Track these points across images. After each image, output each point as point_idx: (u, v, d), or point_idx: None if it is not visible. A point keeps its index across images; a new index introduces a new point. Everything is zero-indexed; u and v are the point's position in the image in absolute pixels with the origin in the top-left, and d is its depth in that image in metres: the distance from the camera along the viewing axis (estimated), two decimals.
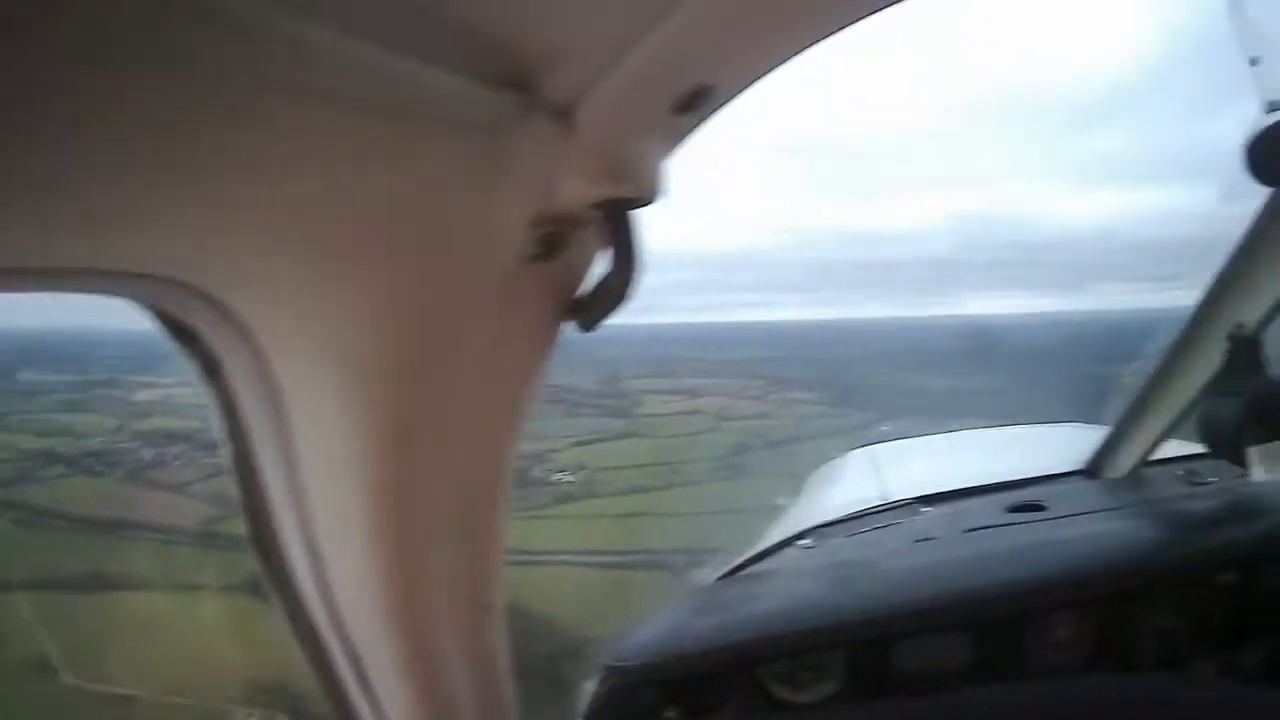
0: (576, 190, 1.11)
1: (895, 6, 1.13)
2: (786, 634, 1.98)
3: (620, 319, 1.28)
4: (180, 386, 12.30)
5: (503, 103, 0.96)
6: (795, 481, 3.83)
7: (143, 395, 11.85)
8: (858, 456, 3.63)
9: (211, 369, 1.12)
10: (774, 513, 3.30)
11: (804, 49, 1.12)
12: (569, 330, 1.30)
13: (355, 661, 1.36)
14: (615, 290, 1.22)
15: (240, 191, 0.85)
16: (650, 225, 1.22)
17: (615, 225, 1.18)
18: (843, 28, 1.12)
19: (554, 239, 1.17)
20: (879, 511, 2.70)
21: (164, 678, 7.80)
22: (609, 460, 12.43)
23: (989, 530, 2.32)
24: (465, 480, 1.32)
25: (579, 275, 1.27)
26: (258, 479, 1.22)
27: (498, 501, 1.39)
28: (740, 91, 1.15)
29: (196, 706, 7.72)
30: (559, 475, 11.87)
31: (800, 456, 11.59)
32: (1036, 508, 2.44)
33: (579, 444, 12.95)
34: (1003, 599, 1.95)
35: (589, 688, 2.05)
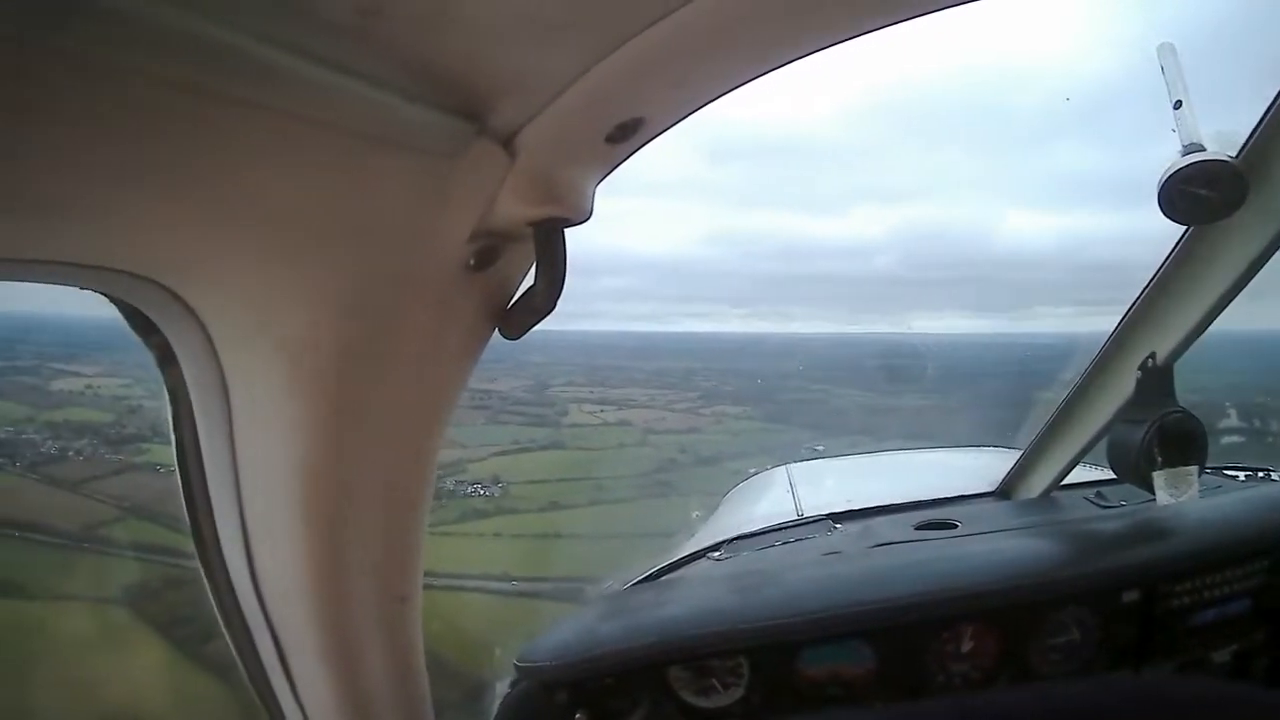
0: (513, 209, 1.21)
1: (829, 50, 1.20)
2: (691, 638, 2.06)
3: (551, 324, 1.39)
4: (103, 378, 11.93)
5: (453, 128, 1.07)
6: (719, 501, 3.93)
7: (61, 384, 11.66)
8: (776, 473, 3.77)
9: (166, 358, 1.22)
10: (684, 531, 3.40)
11: (735, 87, 1.23)
12: (497, 337, 1.41)
13: (278, 647, 1.45)
14: (540, 303, 1.34)
15: (201, 193, 0.94)
16: (583, 229, 1.33)
17: (545, 243, 1.29)
18: (776, 68, 1.21)
19: (489, 252, 1.27)
20: (792, 526, 2.83)
21: (12, 704, 7.30)
22: (529, 473, 12.29)
23: (897, 545, 2.47)
24: (392, 474, 1.41)
25: (510, 286, 1.38)
26: (199, 465, 1.31)
27: (421, 496, 1.49)
28: (671, 124, 1.26)
29: None
30: (473, 488, 11.68)
31: (729, 475, 11.42)
32: (947, 525, 2.60)
33: (500, 454, 12.79)
34: (906, 609, 2.06)
35: (500, 689, 2.14)
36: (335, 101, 0.93)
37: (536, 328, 1.40)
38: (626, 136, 1.23)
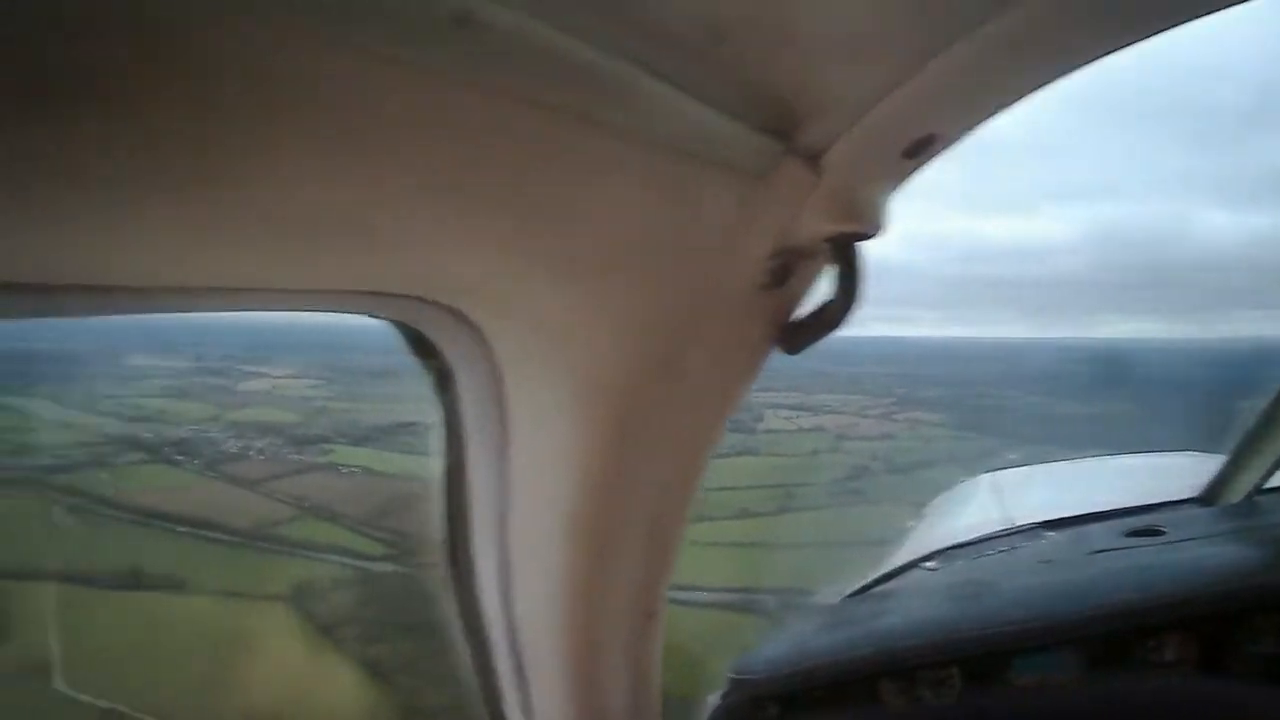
0: (815, 226, 1.22)
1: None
2: (907, 649, 2.10)
3: None
4: (291, 379, 12.25)
5: (764, 147, 1.09)
6: (914, 511, 4.01)
7: (249, 385, 11.93)
8: (982, 482, 3.80)
9: (444, 381, 1.29)
10: (894, 541, 3.45)
11: (1019, 100, 1.24)
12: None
13: (518, 662, 1.48)
14: (833, 317, 1.32)
15: (508, 215, 0.97)
16: None
17: (843, 258, 1.28)
18: (1058, 79, 1.21)
19: (784, 269, 1.28)
20: (1003, 535, 2.86)
21: (158, 696, 7.52)
22: (722, 479, 11.53)
23: (1111, 553, 2.47)
24: (662, 492, 1.42)
25: (795, 303, 1.37)
26: (465, 486, 1.37)
27: (684, 514, 1.50)
28: (958, 139, 1.26)
29: None
30: None
31: (922, 483, 11.19)
32: (1155, 532, 2.58)
33: None
34: (1121, 616, 2.09)
35: (711, 701, 2.17)
36: (669, 118, 0.96)
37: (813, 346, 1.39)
38: (921, 151, 1.24)
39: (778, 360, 1.43)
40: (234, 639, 8.20)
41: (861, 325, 1.37)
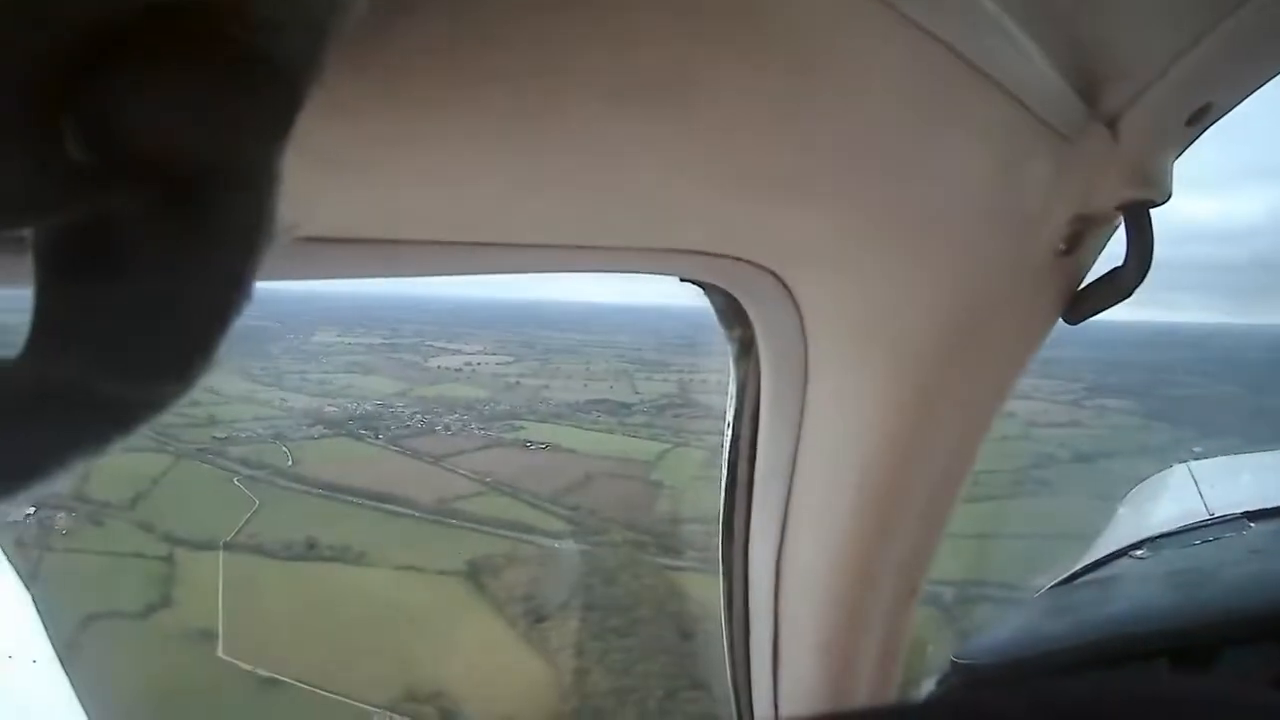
0: (1112, 193, 1.22)
1: None
2: (1135, 636, 2.05)
3: None
4: (484, 355, 12.52)
5: (1074, 109, 1.09)
6: (1101, 504, 4.00)
7: (439, 361, 12.25)
8: (1179, 471, 3.64)
9: (744, 351, 1.31)
10: (1081, 537, 3.35)
11: None
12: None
13: (775, 636, 1.51)
14: (1125, 285, 1.31)
15: (819, 162, 0.94)
16: None
17: (1137, 225, 1.27)
18: None
19: (1077, 236, 1.27)
20: (1208, 525, 2.76)
21: (319, 667, 7.71)
22: None
23: None
24: (942, 465, 1.42)
25: (1084, 270, 1.35)
26: (751, 457, 1.40)
27: (960, 487, 1.50)
28: (1232, 106, 1.23)
29: (338, 702, 7.54)
30: None
31: (1108, 476, 10.88)
32: None
33: None
34: None
35: (928, 685, 2.14)
36: (1014, 64, 0.93)
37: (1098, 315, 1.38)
38: (1201, 119, 1.21)
39: None
40: (406, 612, 8.60)
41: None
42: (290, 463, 10.50)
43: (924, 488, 1.42)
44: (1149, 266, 1.28)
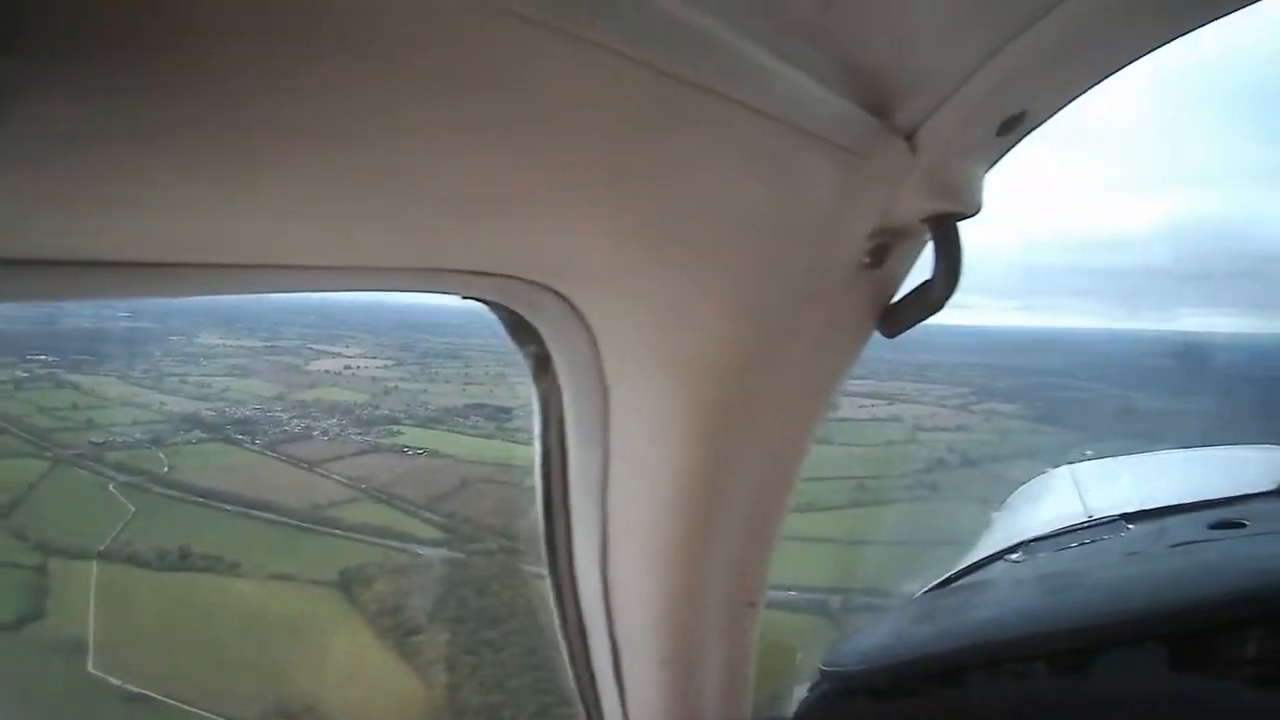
0: (914, 204, 1.24)
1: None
2: (1002, 642, 2.06)
3: None
4: (364, 359, 12.52)
5: (864, 123, 1.10)
6: (989, 508, 3.96)
7: (319, 365, 11.92)
8: (1060, 474, 3.77)
9: (542, 366, 1.31)
10: (967, 543, 3.37)
11: (1107, 77, 1.24)
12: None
13: (615, 651, 1.50)
14: (935, 298, 1.34)
15: (591, 183, 0.96)
16: None
17: (943, 238, 1.30)
18: (1145, 55, 1.21)
19: (883, 249, 1.30)
20: (1085, 528, 2.82)
21: (190, 681, 7.46)
22: None
23: (1194, 545, 2.42)
24: (762, 478, 1.42)
25: (895, 284, 1.39)
26: (563, 472, 1.38)
27: (785, 498, 1.50)
28: (1048, 117, 1.26)
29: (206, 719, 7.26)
30: None
31: (999, 479, 11.06)
32: (1237, 525, 2.54)
33: None
34: (1204, 611, 2.03)
35: (799, 693, 2.16)
36: (775, 91, 0.95)
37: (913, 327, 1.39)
38: (1013, 129, 1.24)
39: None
40: (277, 623, 8.37)
41: (941, 313, 1.38)
42: (166, 469, 10.04)
43: (744, 500, 1.42)
44: (958, 278, 1.31)
